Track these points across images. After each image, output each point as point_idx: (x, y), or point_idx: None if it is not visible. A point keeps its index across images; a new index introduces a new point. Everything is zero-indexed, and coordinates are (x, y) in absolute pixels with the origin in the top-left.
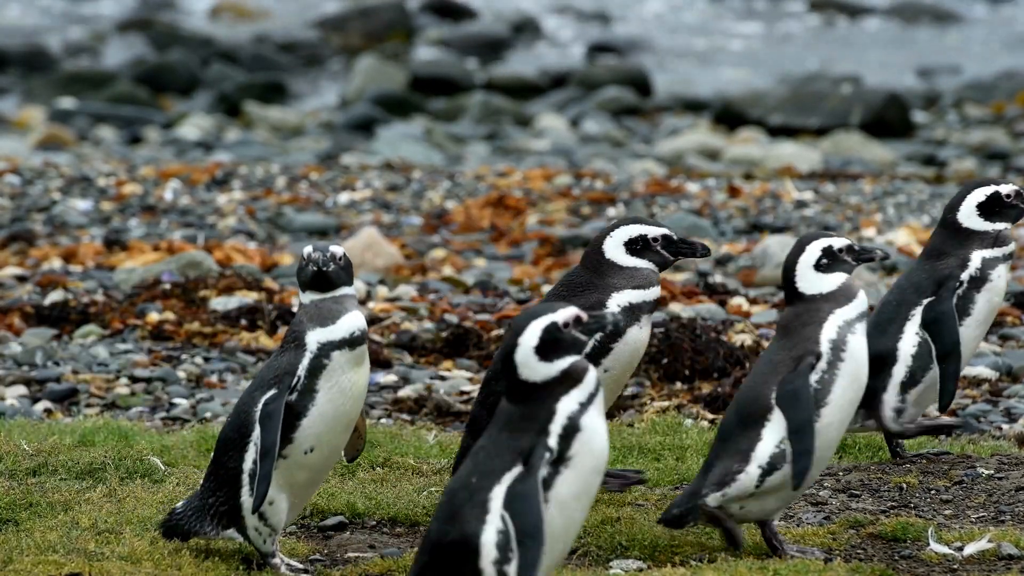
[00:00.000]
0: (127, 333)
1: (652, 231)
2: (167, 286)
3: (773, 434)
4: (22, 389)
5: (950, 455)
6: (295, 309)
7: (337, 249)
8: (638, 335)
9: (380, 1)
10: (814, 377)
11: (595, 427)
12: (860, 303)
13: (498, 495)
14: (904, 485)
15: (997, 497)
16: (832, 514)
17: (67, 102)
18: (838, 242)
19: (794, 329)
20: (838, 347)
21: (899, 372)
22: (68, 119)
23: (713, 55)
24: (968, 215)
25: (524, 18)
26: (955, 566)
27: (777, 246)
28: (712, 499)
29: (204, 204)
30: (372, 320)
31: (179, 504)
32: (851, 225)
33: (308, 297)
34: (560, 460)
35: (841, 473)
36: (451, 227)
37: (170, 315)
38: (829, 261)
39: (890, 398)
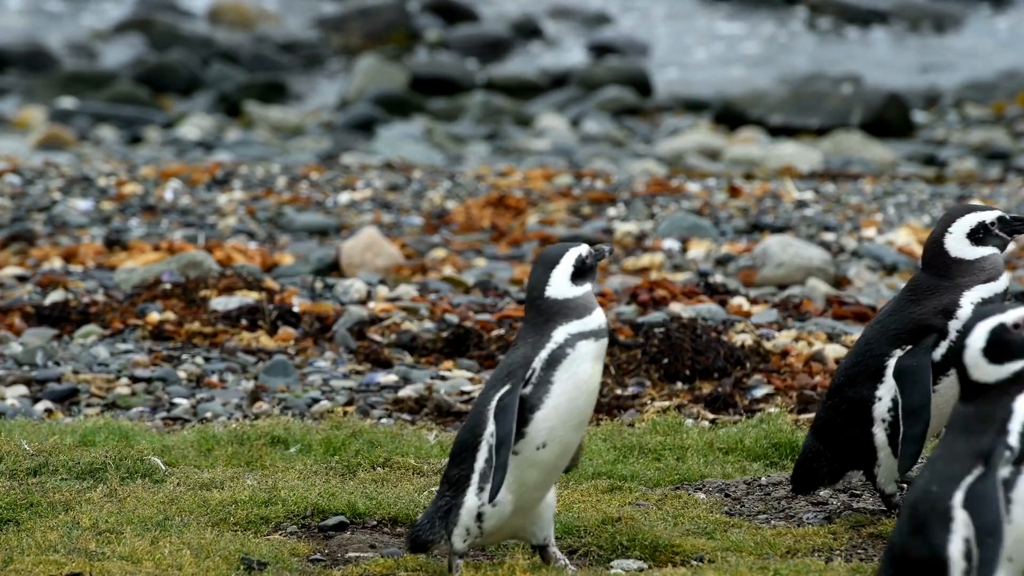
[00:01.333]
0: (127, 333)
1: (988, 215)
2: (167, 286)
3: None
4: (22, 389)
5: None
6: (296, 309)
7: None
8: None
9: (380, 1)
10: None
11: None
12: None
13: (959, 502)
14: (906, 485)
15: None
16: (833, 514)
17: (67, 102)
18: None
19: None
20: None
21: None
22: (68, 119)
23: (713, 55)
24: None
25: (524, 18)
26: None
27: (777, 246)
28: None
29: (204, 204)
30: (372, 320)
31: (420, 516)
32: (851, 225)
33: (579, 290)
34: (1022, 459)
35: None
36: (451, 227)
37: (170, 315)
38: None
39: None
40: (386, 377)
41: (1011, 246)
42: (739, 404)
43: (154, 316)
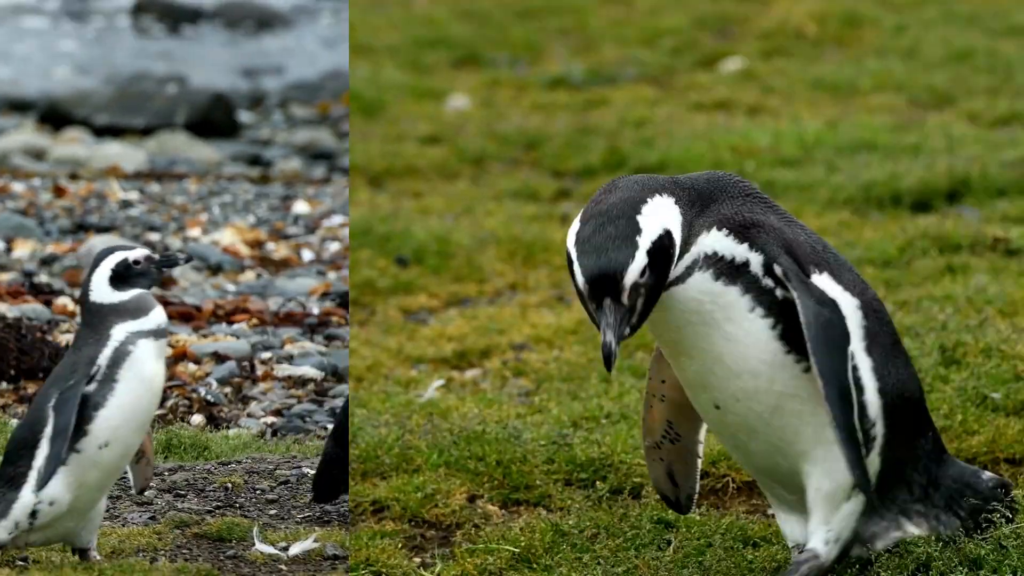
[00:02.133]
0: None
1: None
2: None
3: None
4: None
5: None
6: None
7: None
8: None
9: None
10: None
11: None
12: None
13: None
14: (230, 485)
15: None
16: (158, 514)
17: None
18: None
19: None
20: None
21: None
22: None
23: (37, 54)
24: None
25: None
26: (281, 566)
27: (102, 245)
28: None
29: None
30: None
31: None
32: (177, 225)
33: (130, 293)
34: None
35: (167, 473)
36: None
37: None
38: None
39: None
40: None
41: None
42: None
43: None
